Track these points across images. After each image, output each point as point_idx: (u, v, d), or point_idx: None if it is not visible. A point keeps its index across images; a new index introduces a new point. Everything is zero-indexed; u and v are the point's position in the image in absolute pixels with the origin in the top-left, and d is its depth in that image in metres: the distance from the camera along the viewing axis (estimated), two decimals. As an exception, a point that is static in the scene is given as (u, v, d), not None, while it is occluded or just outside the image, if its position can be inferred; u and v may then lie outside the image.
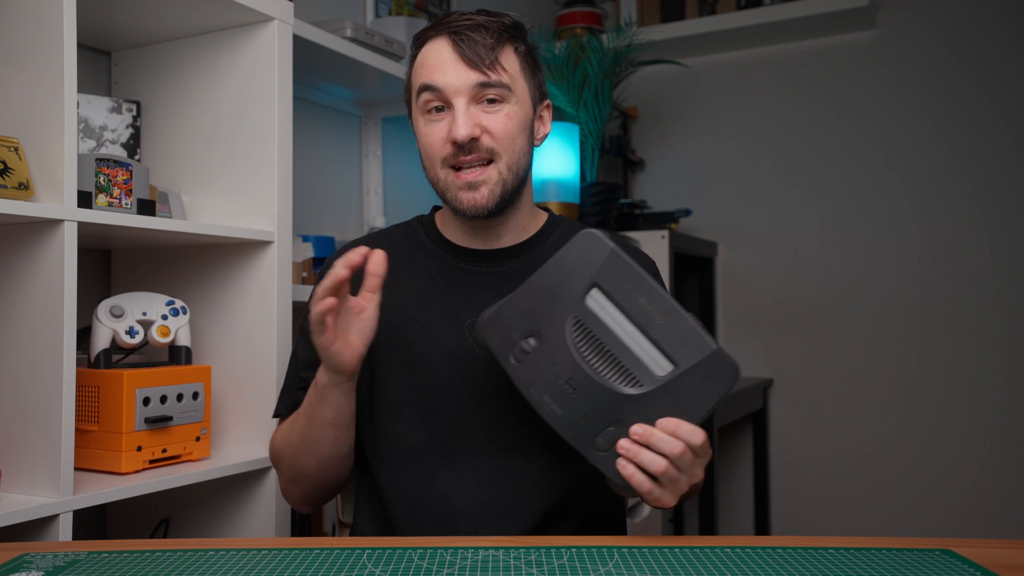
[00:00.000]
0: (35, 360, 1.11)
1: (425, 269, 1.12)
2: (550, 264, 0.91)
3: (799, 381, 2.89)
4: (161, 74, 1.52)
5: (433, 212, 1.20)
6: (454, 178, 1.04)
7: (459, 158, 1.03)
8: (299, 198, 1.84)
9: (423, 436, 1.05)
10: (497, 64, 1.03)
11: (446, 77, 1.02)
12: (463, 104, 1.02)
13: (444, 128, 1.03)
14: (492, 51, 1.03)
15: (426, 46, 1.07)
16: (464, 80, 1.02)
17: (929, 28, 2.75)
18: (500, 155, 1.04)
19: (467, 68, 1.02)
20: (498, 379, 1.05)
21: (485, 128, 1.03)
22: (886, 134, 2.80)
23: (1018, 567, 0.78)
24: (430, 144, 1.05)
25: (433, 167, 1.06)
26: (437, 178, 1.06)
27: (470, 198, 1.04)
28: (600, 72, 2.46)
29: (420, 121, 1.06)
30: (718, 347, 0.85)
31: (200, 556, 0.82)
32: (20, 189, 1.11)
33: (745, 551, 0.82)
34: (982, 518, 2.64)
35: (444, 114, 1.04)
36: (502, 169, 1.04)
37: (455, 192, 1.04)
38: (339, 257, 1.16)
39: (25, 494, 1.11)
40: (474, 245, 1.12)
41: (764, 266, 2.96)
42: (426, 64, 1.05)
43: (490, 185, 1.04)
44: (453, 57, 1.03)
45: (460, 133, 1.01)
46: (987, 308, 2.66)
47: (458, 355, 1.06)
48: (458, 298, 1.09)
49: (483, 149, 1.03)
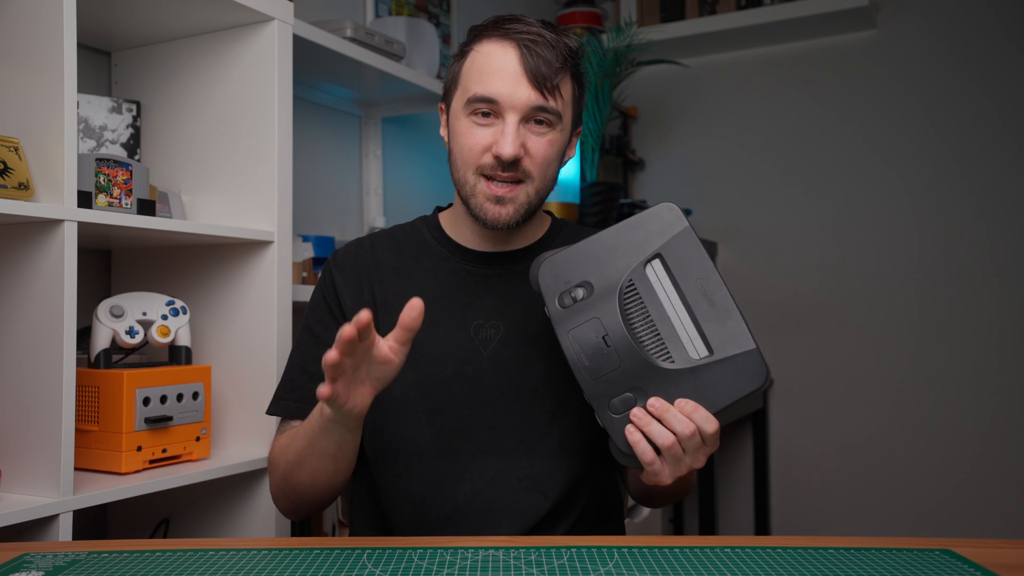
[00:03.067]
0: (35, 360, 1.11)
1: (431, 271, 1.12)
2: (624, 224, 0.92)
3: (799, 381, 2.89)
4: (161, 74, 1.52)
5: (436, 213, 1.19)
6: (484, 187, 1.03)
7: (495, 171, 1.02)
8: (299, 198, 1.84)
9: (427, 436, 1.05)
10: (557, 90, 1.01)
11: (507, 88, 1.00)
12: (515, 121, 1.00)
13: (488, 137, 1.01)
14: (556, 75, 1.01)
15: (488, 45, 1.03)
16: (524, 98, 1.00)
17: (929, 28, 2.75)
18: (534, 178, 1.03)
19: (530, 86, 1.00)
20: (503, 381, 1.05)
21: (528, 149, 1.01)
22: (886, 134, 2.80)
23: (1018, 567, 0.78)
24: (469, 148, 1.03)
25: (465, 169, 1.04)
26: (465, 181, 1.04)
27: (496, 212, 1.03)
28: (600, 72, 2.46)
29: (463, 121, 1.03)
30: (757, 347, 0.87)
31: (200, 556, 0.82)
32: (20, 189, 1.11)
33: (745, 551, 0.82)
34: (982, 518, 2.64)
35: (491, 121, 1.02)
36: (531, 192, 1.04)
37: (481, 201, 1.03)
38: (342, 257, 1.16)
39: (25, 494, 1.11)
40: (481, 248, 1.12)
41: (764, 266, 2.96)
42: (488, 69, 1.02)
43: (517, 204, 1.03)
44: (518, 69, 1.00)
45: (507, 151, 0.99)
46: (987, 307, 2.66)
47: (463, 356, 1.06)
48: (464, 300, 1.09)
49: (520, 170, 1.02)
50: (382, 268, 1.13)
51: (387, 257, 1.14)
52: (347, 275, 1.13)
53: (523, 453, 1.04)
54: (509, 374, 1.05)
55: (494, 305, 1.08)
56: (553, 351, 1.06)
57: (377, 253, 1.14)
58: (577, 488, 1.07)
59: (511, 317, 1.08)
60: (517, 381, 1.05)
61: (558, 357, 1.05)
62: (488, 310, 1.08)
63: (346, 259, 1.15)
